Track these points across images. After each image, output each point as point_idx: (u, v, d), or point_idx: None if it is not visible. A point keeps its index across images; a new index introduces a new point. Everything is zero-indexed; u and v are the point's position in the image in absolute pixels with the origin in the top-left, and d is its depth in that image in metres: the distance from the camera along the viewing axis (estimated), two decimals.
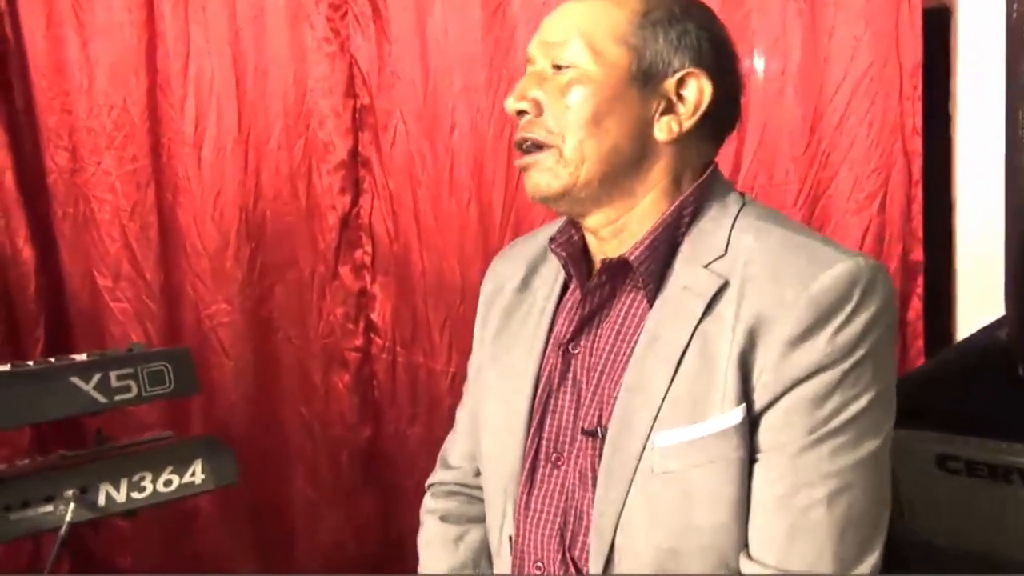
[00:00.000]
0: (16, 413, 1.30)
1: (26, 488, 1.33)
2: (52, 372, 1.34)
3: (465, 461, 1.38)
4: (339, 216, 2.65)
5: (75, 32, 2.63)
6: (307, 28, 2.60)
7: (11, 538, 1.36)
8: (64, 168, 2.67)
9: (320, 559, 2.75)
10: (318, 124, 2.63)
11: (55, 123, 2.66)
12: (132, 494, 1.41)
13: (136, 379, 1.39)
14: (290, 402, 2.72)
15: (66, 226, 2.68)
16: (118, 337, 2.65)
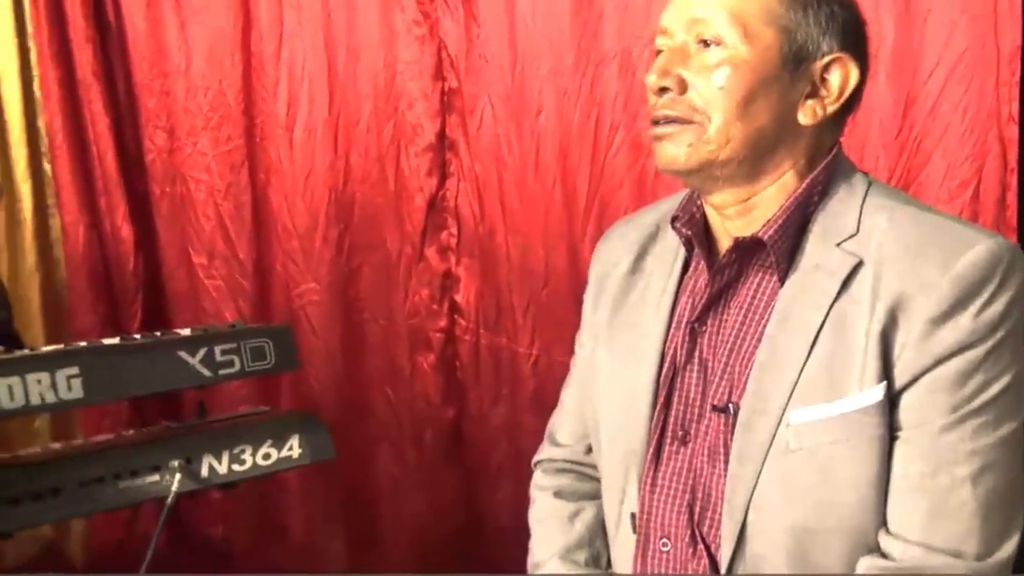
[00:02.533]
0: (126, 384, 1.44)
1: (134, 457, 1.46)
2: (160, 346, 1.47)
3: (574, 439, 1.42)
4: (426, 198, 2.75)
5: (174, 15, 2.81)
6: (397, 11, 2.70)
7: (120, 505, 1.50)
8: (162, 148, 2.87)
9: (404, 536, 2.89)
10: (407, 107, 2.73)
11: (154, 105, 2.85)
12: (233, 466, 1.53)
13: (239, 354, 1.51)
14: (375, 381, 2.86)
15: (163, 205, 2.88)
16: (212, 313, 2.84)
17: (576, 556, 1.35)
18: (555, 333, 2.64)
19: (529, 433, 2.71)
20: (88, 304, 2.80)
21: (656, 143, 1.17)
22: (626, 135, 2.49)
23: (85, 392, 1.38)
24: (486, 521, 2.84)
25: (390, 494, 2.90)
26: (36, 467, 1.45)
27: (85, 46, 2.74)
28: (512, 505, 2.77)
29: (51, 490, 1.41)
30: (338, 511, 2.93)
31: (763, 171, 1.16)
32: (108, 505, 1.49)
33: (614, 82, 2.48)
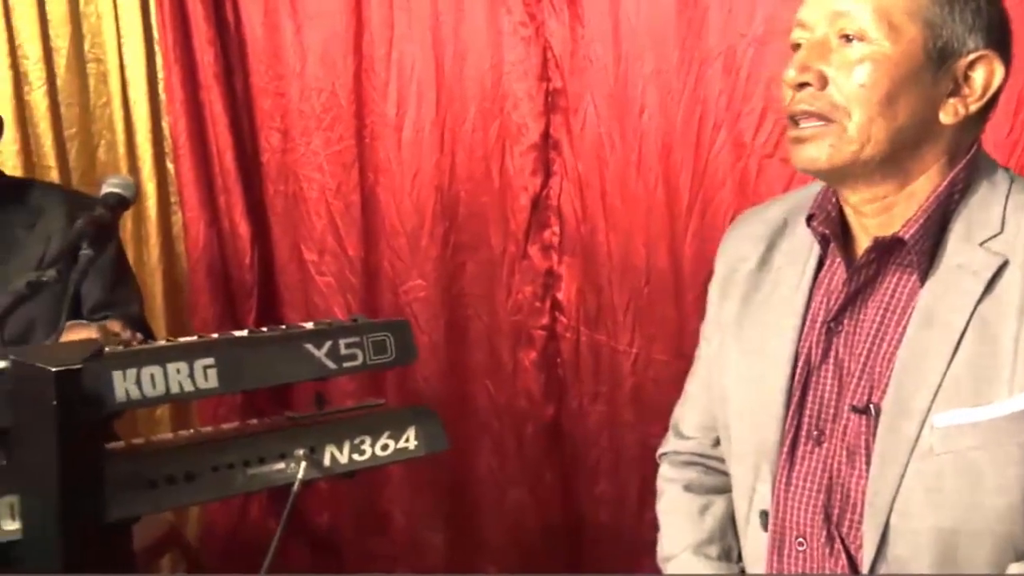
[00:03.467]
0: (258, 375, 1.52)
1: (262, 446, 1.54)
2: (289, 339, 1.56)
3: (701, 431, 1.45)
4: (530, 197, 2.83)
5: (290, 19, 2.94)
6: (504, 13, 2.78)
7: (249, 491, 1.59)
8: (277, 148, 3.01)
9: (502, 530, 2.98)
10: (512, 107, 2.82)
11: (270, 106, 2.99)
12: (353, 456, 1.60)
13: (362, 348, 1.57)
14: (478, 376, 2.95)
15: (278, 203, 3.02)
16: (322, 309, 2.98)
17: (708, 550, 1.37)
18: (655, 331, 2.72)
19: (628, 430, 2.78)
20: (207, 298, 2.95)
21: (795, 145, 1.18)
22: (729, 134, 2.54)
23: (220, 382, 1.47)
24: (585, 517, 2.91)
25: (490, 488, 2.99)
26: (171, 452, 1.55)
27: (207, 49, 2.89)
28: (610, 502, 2.85)
29: (186, 475, 1.51)
30: (439, 503, 3.04)
31: (903, 170, 1.16)
32: (238, 490, 1.58)
33: (718, 81, 2.53)
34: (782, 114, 1.22)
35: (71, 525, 1.31)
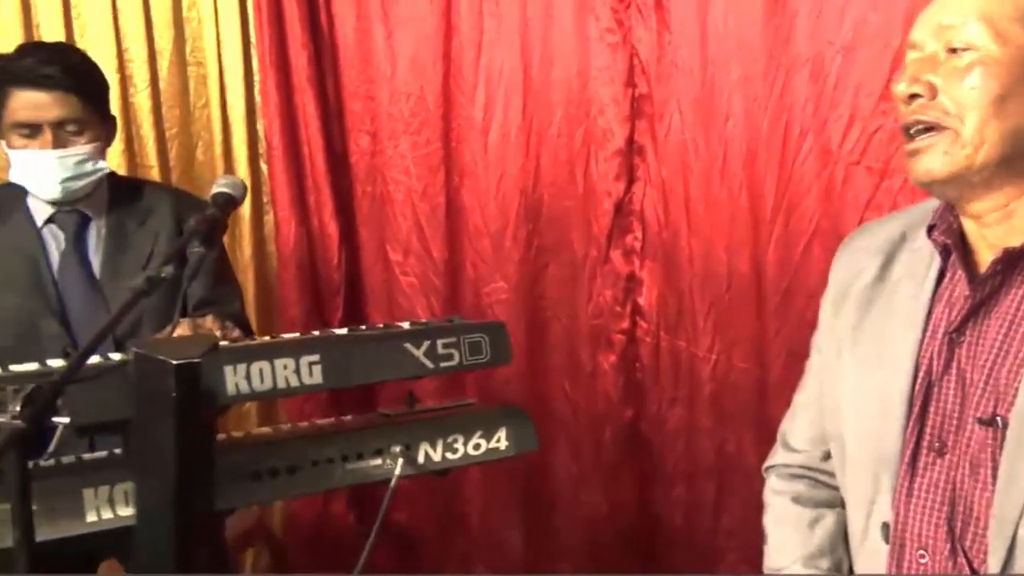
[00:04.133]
0: (359, 372, 1.59)
1: (360, 442, 1.62)
2: (389, 338, 1.63)
3: (810, 444, 1.46)
4: (613, 202, 2.88)
5: (381, 24, 3.03)
6: (592, 20, 2.83)
7: (347, 485, 1.66)
8: (365, 151, 3.10)
9: (578, 532, 3.03)
10: (598, 112, 2.87)
11: (360, 109, 3.08)
12: (447, 454, 1.67)
13: (458, 348, 1.64)
14: (557, 379, 3.01)
15: (365, 204, 3.11)
16: (405, 308, 3.06)
17: (819, 563, 1.39)
18: (735, 337, 2.75)
19: (705, 436, 2.82)
20: (295, 295, 3.05)
21: (911, 158, 1.19)
22: (815, 141, 2.56)
23: (324, 378, 1.55)
24: (661, 522, 2.95)
25: (566, 490, 3.04)
26: (273, 446, 1.63)
27: (301, 53, 2.99)
28: (686, 507, 2.89)
29: (288, 468, 1.58)
30: (516, 503, 3.10)
31: (1022, 174, 1.17)
32: (336, 484, 1.65)
33: (805, 87, 2.55)
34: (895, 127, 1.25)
35: (183, 513, 1.38)
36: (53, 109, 1.86)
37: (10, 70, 1.86)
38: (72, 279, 1.93)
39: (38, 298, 1.89)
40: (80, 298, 1.91)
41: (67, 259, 1.94)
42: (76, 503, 1.45)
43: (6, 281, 1.89)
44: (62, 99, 1.87)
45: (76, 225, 1.96)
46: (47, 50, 1.94)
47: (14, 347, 1.82)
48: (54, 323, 1.89)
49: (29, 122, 1.86)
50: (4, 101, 1.87)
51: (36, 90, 1.85)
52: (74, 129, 1.90)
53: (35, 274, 1.91)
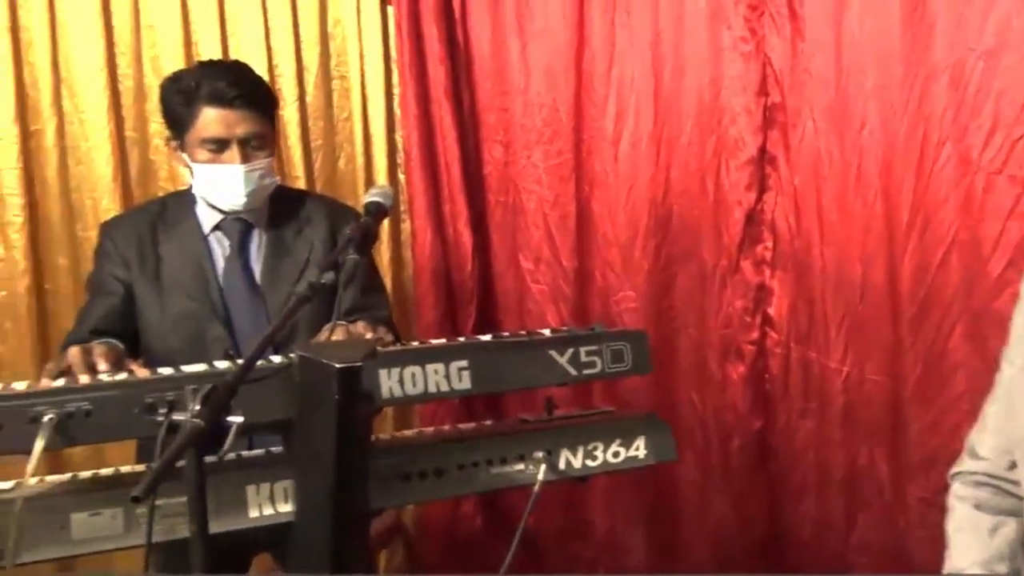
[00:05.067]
0: (505, 378, 1.65)
1: (503, 447, 1.67)
2: (534, 345, 1.67)
3: (995, 453, 1.48)
4: (744, 211, 2.86)
5: (516, 37, 3.09)
6: (724, 29, 2.83)
7: (491, 489, 1.71)
8: (499, 161, 3.16)
9: (704, 543, 3.02)
10: (729, 122, 2.86)
11: (494, 120, 3.14)
12: (587, 461, 1.71)
13: (600, 356, 1.68)
14: (685, 388, 3.00)
15: (498, 213, 3.17)
16: (536, 316, 3.09)
17: (997, 568, 1.42)
18: (868, 349, 2.70)
19: (836, 449, 2.78)
20: (430, 302, 3.12)
21: None
22: (954, 149, 2.50)
23: (472, 383, 1.60)
24: (788, 536, 2.92)
25: (692, 498, 3.04)
26: (422, 449, 1.68)
27: (439, 67, 3.06)
28: (815, 522, 2.85)
29: (435, 470, 1.63)
30: (641, 510, 3.10)
31: None
32: (481, 488, 1.71)
33: (943, 95, 2.49)
34: None
35: (340, 511, 1.43)
36: (241, 126, 1.96)
37: (201, 89, 1.95)
38: (235, 284, 2.02)
39: (204, 302, 1.99)
40: (242, 302, 2.00)
41: (231, 265, 2.03)
42: (240, 498, 1.53)
43: (176, 285, 2.00)
44: (248, 116, 1.97)
45: (240, 233, 2.05)
46: (232, 70, 2.04)
47: (182, 348, 1.92)
48: (219, 326, 1.98)
49: (218, 138, 1.96)
50: (194, 118, 1.96)
51: (226, 108, 1.95)
52: (256, 144, 2.00)
53: (202, 279, 2.01)
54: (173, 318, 1.98)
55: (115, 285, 2.01)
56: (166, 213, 2.08)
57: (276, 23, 3.04)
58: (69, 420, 1.43)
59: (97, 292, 2.03)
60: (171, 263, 2.01)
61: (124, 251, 2.02)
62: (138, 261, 2.01)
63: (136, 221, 2.08)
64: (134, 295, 2.00)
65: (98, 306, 1.99)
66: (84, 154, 2.94)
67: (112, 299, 1.99)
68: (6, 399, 1.43)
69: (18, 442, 1.40)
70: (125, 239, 2.03)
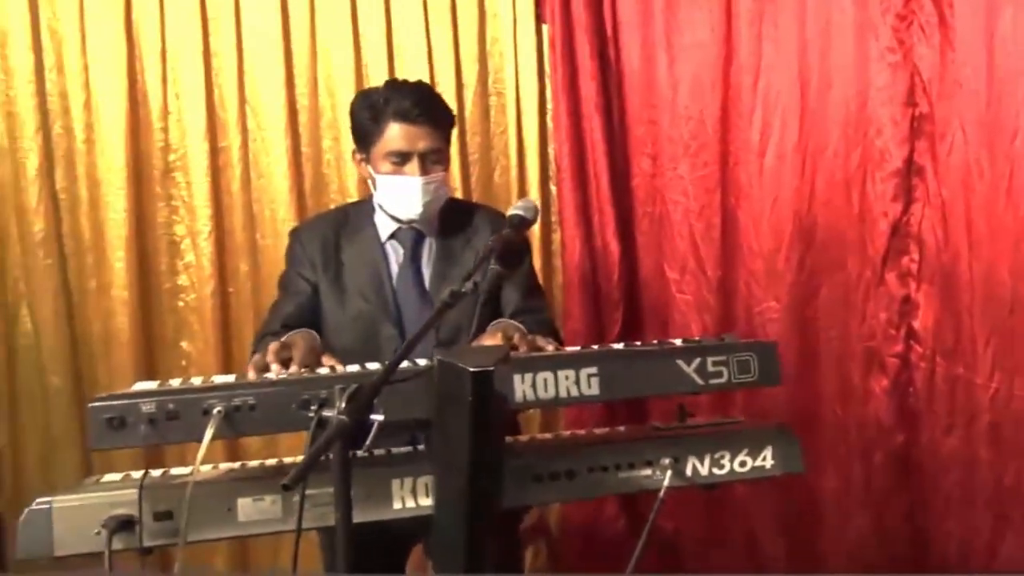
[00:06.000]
0: (633, 385, 1.66)
1: (631, 452, 1.69)
2: (662, 353, 1.69)
3: None
4: (889, 223, 2.79)
5: (665, 52, 3.10)
6: (872, 40, 2.77)
7: (619, 492, 1.73)
8: (646, 173, 3.18)
9: (844, 554, 2.95)
10: (875, 133, 2.80)
11: (642, 133, 3.17)
12: (713, 469, 1.71)
13: (727, 366, 1.67)
14: (827, 400, 2.94)
15: (645, 224, 3.19)
16: (680, 325, 3.10)
17: None
18: (1018, 366, 2.60)
19: (983, 467, 2.68)
20: (578, 309, 3.15)
21: None
22: None
23: (601, 390, 1.63)
24: (931, 552, 2.83)
25: (833, 511, 2.97)
26: (555, 451, 1.73)
27: (590, 83, 3.11)
28: (959, 539, 2.76)
29: (567, 472, 1.67)
30: (781, 522, 3.05)
31: None
32: (609, 491, 1.73)
33: None
34: None
35: (475, 506, 1.48)
36: (422, 141, 2.05)
37: (389, 106, 2.05)
38: (407, 289, 2.11)
39: (379, 304, 2.09)
40: (413, 305, 2.09)
41: (404, 271, 2.13)
42: (385, 491, 1.61)
43: (355, 287, 2.11)
44: (429, 133, 2.06)
45: (413, 241, 2.14)
46: (418, 90, 2.12)
47: (357, 346, 2.03)
48: (390, 327, 2.08)
49: (401, 151, 2.05)
50: (380, 132, 2.07)
51: (410, 124, 2.05)
52: (435, 158, 2.09)
53: (377, 283, 2.11)
54: (351, 317, 2.09)
55: (303, 284, 2.13)
56: (349, 221, 2.19)
57: (438, 43, 3.15)
58: (236, 413, 1.54)
59: (287, 290, 2.16)
60: (351, 267, 2.12)
61: (311, 254, 2.14)
62: (322, 263, 2.13)
63: (322, 227, 2.20)
64: (319, 294, 2.13)
65: (288, 303, 2.12)
66: (264, 168, 3.13)
67: (300, 297, 2.12)
68: (183, 392, 1.56)
69: (192, 431, 1.52)
70: (312, 243, 2.15)
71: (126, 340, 3.06)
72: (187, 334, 3.14)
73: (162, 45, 3.05)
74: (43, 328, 3.04)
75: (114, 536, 1.52)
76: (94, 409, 1.52)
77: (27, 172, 2.99)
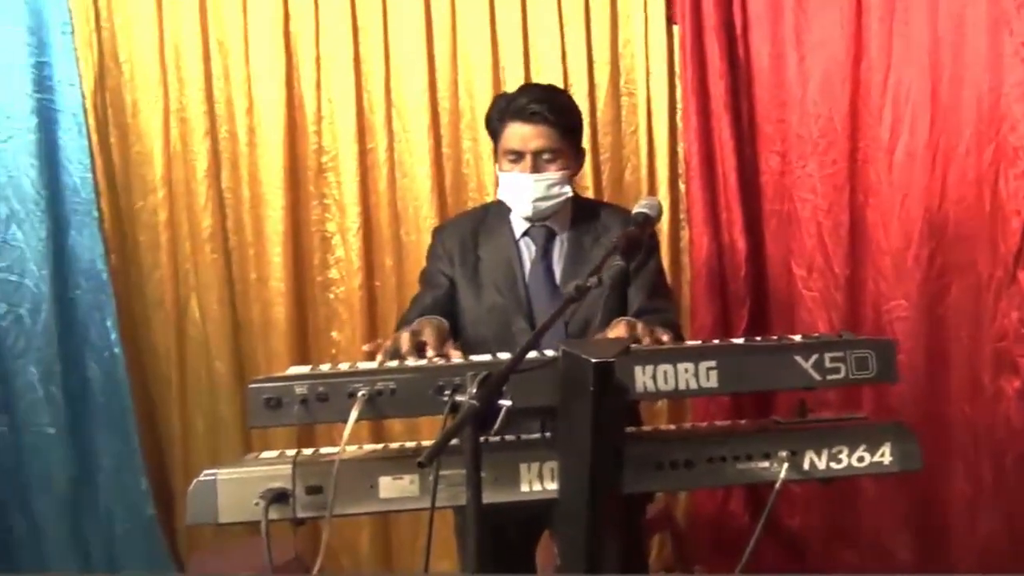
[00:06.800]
0: (751, 379, 1.67)
1: (749, 444, 1.70)
2: (780, 349, 1.69)
3: None
4: (1022, 221, 2.69)
5: (794, 50, 3.07)
6: (1006, 34, 2.69)
7: (735, 483, 1.74)
8: (774, 171, 3.15)
9: (974, 555, 2.87)
10: (1009, 129, 2.71)
11: (771, 131, 3.15)
12: (831, 464, 1.68)
13: (845, 362, 1.65)
14: (955, 400, 2.87)
15: (772, 222, 3.17)
16: (807, 323, 3.06)
17: None
18: None
19: None
20: (705, 305, 3.15)
21: None
22: None
23: (719, 383, 1.65)
24: None
25: (961, 512, 2.89)
26: (675, 441, 1.75)
27: (719, 82, 3.10)
28: None
29: (686, 462, 1.70)
30: (909, 522, 2.98)
31: None
32: (726, 482, 1.74)
33: None
34: None
35: (597, 492, 1.53)
36: (535, 140, 2.10)
37: (510, 106, 2.13)
38: (539, 284, 2.16)
39: (512, 298, 2.15)
40: (544, 301, 2.13)
41: (536, 267, 2.17)
42: (514, 474, 1.68)
43: (490, 282, 2.18)
44: (543, 132, 2.10)
45: (544, 239, 2.19)
46: (539, 91, 2.18)
47: (491, 337, 2.10)
48: (523, 321, 2.13)
49: (516, 150, 2.12)
50: (502, 131, 2.14)
51: (524, 123, 2.10)
52: (548, 157, 2.12)
53: (511, 278, 2.17)
54: (486, 310, 2.15)
55: (441, 279, 2.21)
56: (487, 219, 2.26)
57: (572, 46, 3.20)
58: (378, 397, 1.62)
59: (427, 284, 2.25)
60: (487, 262, 2.19)
61: (449, 250, 2.22)
62: (460, 259, 2.20)
63: (462, 225, 2.28)
64: (455, 288, 2.21)
65: (427, 296, 2.20)
66: (408, 168, 3.24)
67: (439, 291, 2.20)
68: (332, 376, 1.65)
69: (339, 412, 1.62)
70: (451, 240, 2.23)
71: (282, 329, 3.23)
72: (337, 324, 3.30)
73: (316, 53, 3.20)
74: (209, 317, 3.24)
75: (270, 507, 1.63)
76: (253, 390, 1.63)
77: (196, 173, 3.20)
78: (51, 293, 3.13)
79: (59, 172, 3.16)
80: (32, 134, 3.09)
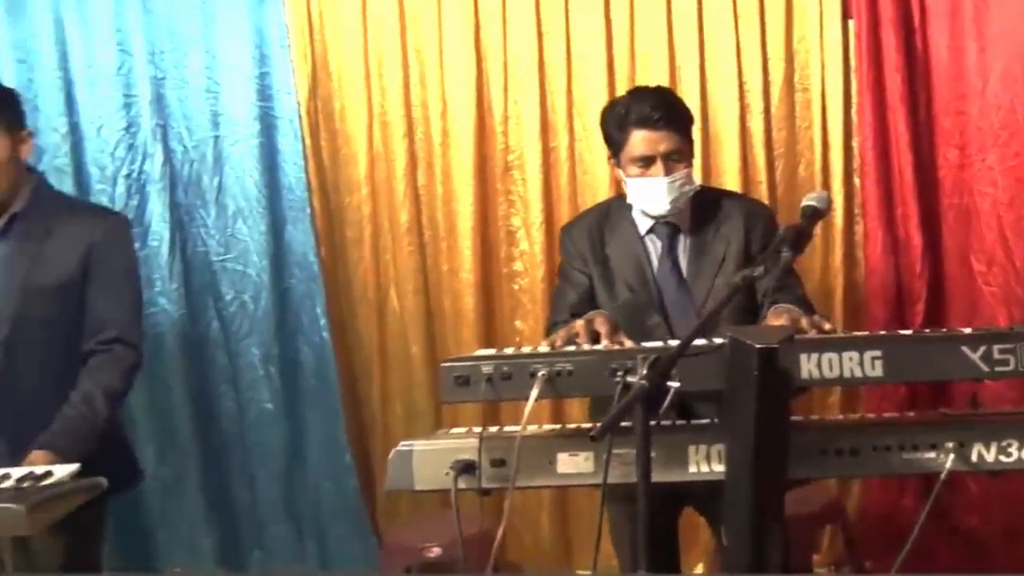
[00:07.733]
0: (916, 370, 1.65)
1: (916, 434, 1.68)
2: (946, 339, 1.66)
3: None
4: None
5: (974, 41, 2.95)
6: None
7: (899, 473, 1.72)
8: (953, 164, 3.04)
9: None
10: None
11: (949, 124, 3.03)
12: (1000, 457, 1.64)
13: (1015, 354, 1.61)
14: None
15: (950, 215, 3.05)
16: (986, 318, 2.93)
17: None
18: None
19: None
20: (879, 300, 3.08)
21: None
22: None
23: (884, 372, 1.64)
24: None
25: None
26: (840, 429, 1.76)
27: (895, 76, 3.01)
28: None
29: (851, 450, 1.70)
30: None
31: None
32: (891, 471, 1.72)
33: None
34: None
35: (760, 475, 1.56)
36: (664, 143, 2.13)
37: (631, 115, 2.14)
38: (667, 279, 2.20)
39: (644, 294, 2.19)
40: (674, 294, 2.18)
41: (663, 263, 2.21)
42: (682, 456, 1.73)
43: (621, 278, 2.22)
44: (669, 135, 2.13)
45: (668, 236, 2.22)
46: (656, 95, 2.20)
47: (627, 333, 2.06)
48: (655, 315, 2.18)
49: (645, 156, 2.14)
50: (625, 139, 2.16)
51: (651, 129, 2.12)
52: (677, 158, 2.15)
53: (641, 275, 2.21)
54: (619, 306, 2.19)
55: (580, 276, 2.27)
56: (611, 216, 2.29)
57: (746, 43, 3.18)
58: (557, 377, 1.71)
59: (568, 281, 2.30)
60: (616, 259, 2.23)
61: (580, 249, 2.27)
62: (592, 257, 2.25)
63: (587, 223, 2.32)
64: (593, 284, 2.26)
65: (570, 293, 2.26)
66: (588, 166, 3.31)
67: (580, 288, 2.25)
68: (517, 358, 1.76)
69: (521, 390, 1.71)
70: (580, 239, 2.28)
71: (471, 318, 3.37)
72: (521, 314, 3.41)
73: (504, 58, 3.31)
74: (406, 305, 3.42)
75: (459, 477, 1.75)
76: (445, 368, 1.75)
77: (396, 172, 3.38)
78: (270, 282, 3.41)
79: (277, 173, 3.44)
80: (255, 139, 3.38)
